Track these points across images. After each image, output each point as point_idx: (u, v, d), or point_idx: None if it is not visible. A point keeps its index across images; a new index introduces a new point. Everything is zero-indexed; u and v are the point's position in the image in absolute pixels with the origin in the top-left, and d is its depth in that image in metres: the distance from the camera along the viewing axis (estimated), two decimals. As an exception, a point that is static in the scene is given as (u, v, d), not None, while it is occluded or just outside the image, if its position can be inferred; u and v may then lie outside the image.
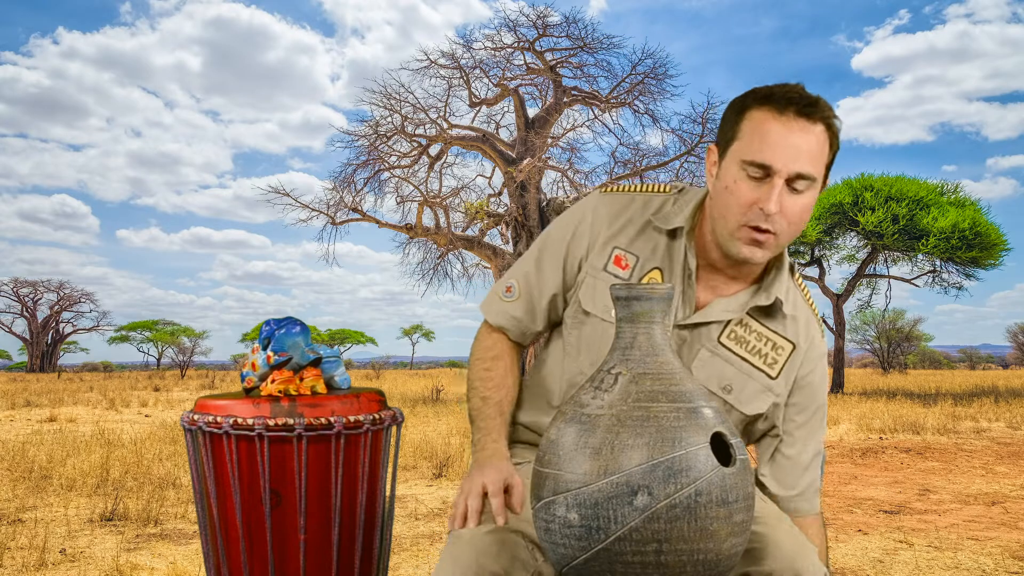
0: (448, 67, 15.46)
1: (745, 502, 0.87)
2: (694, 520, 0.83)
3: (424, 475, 5.33)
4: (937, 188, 16.71)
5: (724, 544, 0.85)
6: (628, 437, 0.85)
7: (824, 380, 1.27)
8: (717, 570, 0.86)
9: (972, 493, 4.64)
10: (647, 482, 0.83)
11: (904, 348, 31.54)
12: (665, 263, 1.21)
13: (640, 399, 0.89)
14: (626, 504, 0.83)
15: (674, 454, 0.84)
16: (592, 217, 1.25)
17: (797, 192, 1.08)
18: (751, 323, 1.21)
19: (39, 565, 2.95)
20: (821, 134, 1.08)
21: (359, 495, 1.45)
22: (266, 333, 1.48)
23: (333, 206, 15.61)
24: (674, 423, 0.86)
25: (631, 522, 0.82)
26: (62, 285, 41.14)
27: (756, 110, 1.09)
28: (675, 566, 0.83)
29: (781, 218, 1.09)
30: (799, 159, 1.07)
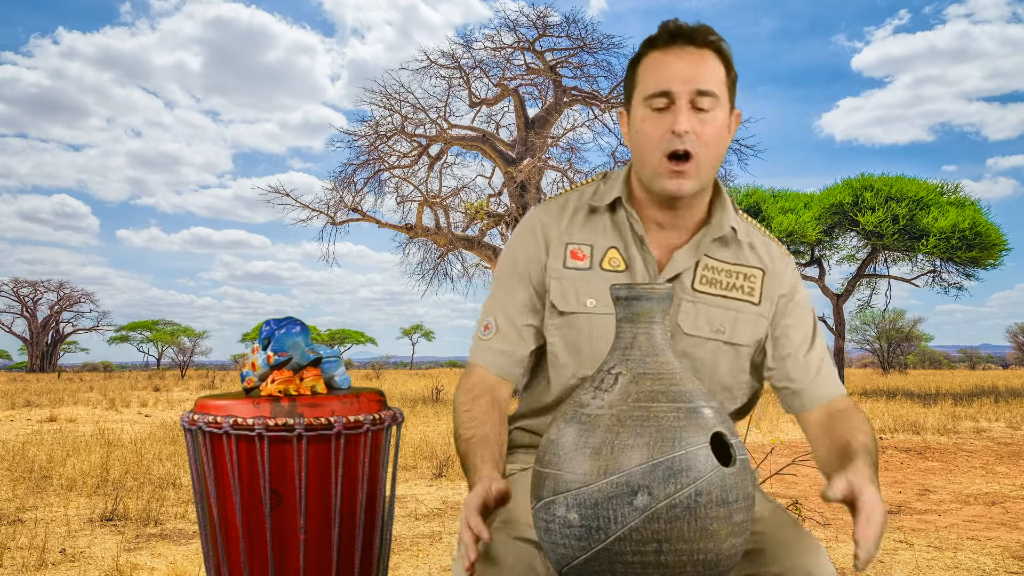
0: (448, 67, 15.47)
1: (745, 502, 0.87)
2: (694, 520, 0.83)
3: (424, 475, 5.33)
4: (937, 188, 16.71)
5: (724, 544, 0.85)
6: (628, 437, 0.85)
7: (805, 292, 1.29)
8: (717, 570, 0.86)
9: (972, 493, 4.64)
10: (647, 482, 0.83)
11: (904, 348, 31.55)
12: (616, 239, 1.24)
13: (640, 399, 0.89)
14: (626, 504, 0.83)
15: (674, 454, 0.84)
16: (538, 226, 1.28)
17: (703, 112, 1.13)
18: (716, 264, 1.24)
19: (39, 565, 2.95)
20: (711, 57, 1.14)
21: (359, 495, 1.45)
22: (266, 333, 1.48)
23: (333, 206, 15.62)
24: (674, 423, 0.86)
25: (631, 522, 0.82)
26: (62, 285, 41.17)
27: (646, 56, 1.16)
28: (675, 566, 0.83)
29: (695, 139, 1.12)
30: (695, 78, 1.12)
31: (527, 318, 1.26)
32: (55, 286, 40.91)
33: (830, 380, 1.24)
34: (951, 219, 15.20)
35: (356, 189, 15.65)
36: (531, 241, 1.27)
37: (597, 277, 1.23)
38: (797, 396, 1.24)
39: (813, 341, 1.26)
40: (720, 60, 1.15)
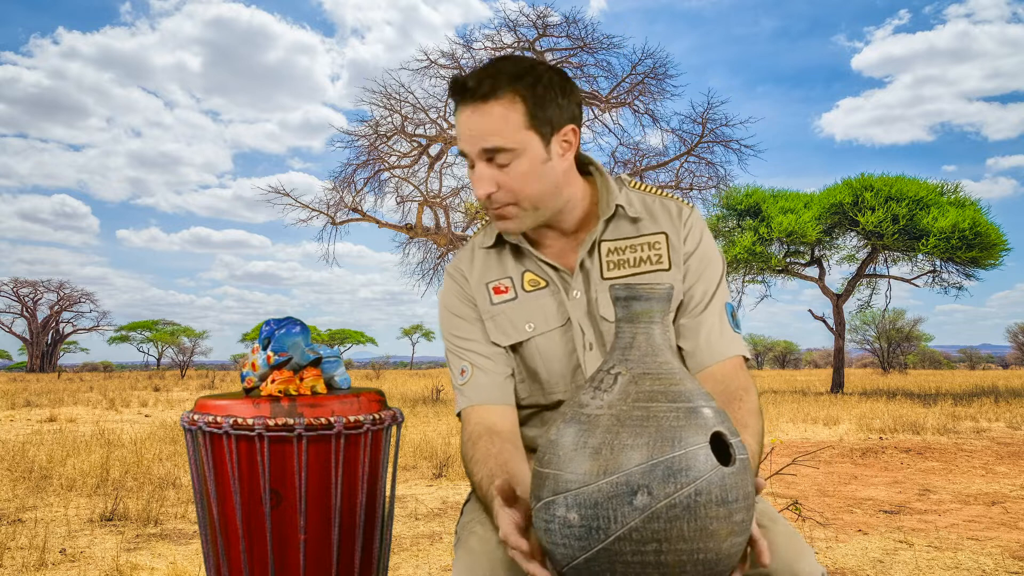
0: (448, 67, 15.46)
1: (745, 501, 0.87)
2: (694, 519, 0.83)
3: (424, 475, 5.33)
4: (937, 188, 16.71)
5: (724, 544, 0.85)
6: (628, 437, 0.85)
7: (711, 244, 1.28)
8: (717, 569, 0.86)
9: (972, 493, 4.64)
10: (647, 482, 0.83)
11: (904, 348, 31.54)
12: (527, 263, 1.28)
13: (640, 399, 0.89)
14: (626, 504, 0.82)
15: (674, 454, 0.84)
16: (459, 279, 1.33)
17: (504, 166, 1.15)
18: (617, 245, 1.26)
19: (39, 565, 2.95)
20: (499, 107, 1.13)
21: (359, 495, 1.45)
22: (266, 333, 1.48)
23: (333, 206, 15.62)
24: (674, 423, 0.86)
25: (631, 522, 0.82)
26: (62, 285, 41.16)
27: (456, 108, 1.19)
28: (675, 565, 0.83)
29: (504, 192, 1.16)
30: (481, 139, 1.13)
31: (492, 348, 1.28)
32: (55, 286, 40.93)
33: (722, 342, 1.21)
34: (951, 219, 15.19)
35: (356, 189, 15.65)
36: (458, 288, 1.32)
37: (526, 301, 1.26)
38: (690, 357, 1.22)
39: (714, 297, 1.24)
40: (512, 103, 1.13)
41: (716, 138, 15.12)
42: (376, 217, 15.75)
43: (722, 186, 15.82)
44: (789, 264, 18.03)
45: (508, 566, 1.01)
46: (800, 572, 0.99)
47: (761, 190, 17.89)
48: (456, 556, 1.06)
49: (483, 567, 1.00)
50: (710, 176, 15.53)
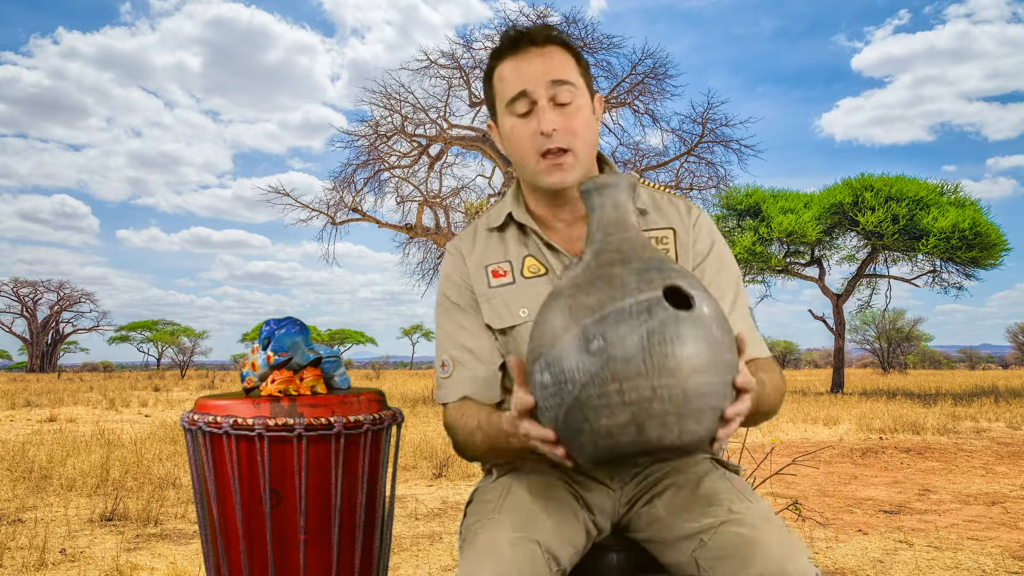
0: (448, 67, 15.46)
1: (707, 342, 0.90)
2: (649, 358, 0.87)
3: (424, 475, 5.33)
4: (937, 188, 16.71)
5: (689, 381, 0.88)
6: (583, 297, 0.92)
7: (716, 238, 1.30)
8: (692, 406, 0.89)
9: (972, 493, 4.64)
10: (600, 330, 0.88)
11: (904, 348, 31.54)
12: (531, 247, 1.28)
13: (600, 266, 0.95)
14: (584, 353, 0.88)
15: (624, 302, 0.89)
16: (457, 255, 1.32)
17: (565, 105, 1.17)
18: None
19: (39, 565, 2.95)
20: (557, 51, 1.18)
21: (359, 495, 1.45)
22: (266, 333, 1.48)
23: (333, 206, 15.62)
24: (626, 279, 0.92)
25: (591, 368, 0.88)
26: (62, 285, 41.16)
27: (496, 68, 1.21)
28: (641, 403, 0.87)
29: (564, 133, 1.17)
30: (546, 72, 1.16)
31: (479, 341, 1.26)
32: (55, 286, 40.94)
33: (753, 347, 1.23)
34: (951, 219, 15.19)
35: (356, 189, 15.64)
36: (456, 269, 1.31)
37: (523, 287, 1.26)
38: None
39: (735, 302, 1.26)
40: (567, 52, 1.20)
41: (716, 138, 15.12)
42: (376, 217, 15.75)
43: (722, 186, 15.82)
44: (789, 264, 18.03)
45: (516, 566, 1.01)
46: (791, 572, 0.99)
47: (761, 190, 17.89)
48: (461, 556, 1.06)
49: (490, 567, 1.00)
50: (710, 176, 15.53)
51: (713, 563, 1.05)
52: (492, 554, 1.01)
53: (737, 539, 1.04)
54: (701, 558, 1.07)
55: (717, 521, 1.09)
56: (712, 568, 1.05)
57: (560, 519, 1.14)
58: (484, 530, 1.07)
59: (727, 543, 1.05)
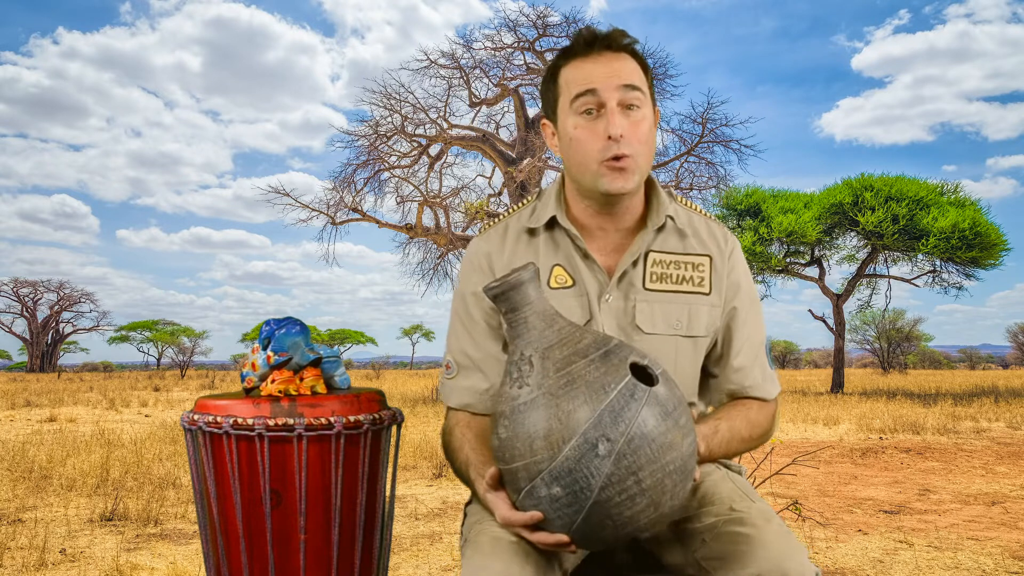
0: (448, 67, 15.46)
1: (682, 405, 0.98)
2: (652, 441, 0.92)
3: (424, 475, 5.33)
4: (937, 188, 16.70)
5: (684, 447, 0.95)
6: (566, 404, 0.94)
7: (747, 272, 1.32)
8: (688, 469, 0.97)
9: (972, 493, 4.64)
10: (600, 432, 0.92)
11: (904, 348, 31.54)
12: (560, 256, 1.26)
13: (559, 368, 0.97)
14: (594, 458, 0.91)
15: (609, 398, 0.93)
16: (482, 258, 1.29)
17: (632, 110, 1.17)
18: (663, 257, 1.26)
19: (39, 565, 2.95)
20: (628, 58, 1.18)
21: (359, 495, 1.45)
22: (266, 333, 1.48)
23: (333, 206, 15.62)
24: (595, 373, 0.95)
25: (605, 469, 0.91)
26: (62, 285, 41.15)
27: (565, 67, 1.19)
28: (656, 485, 0.92)
29: (631, 140, 1.16)
30: (620, 77, 1.15)
31: (486, 349, 1.26)
32: (55, 286, 40.93)
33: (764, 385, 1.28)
34: (951, 219, 15.19)
35: (356, 189, 15.65)
36: (478, 274, 1.29)
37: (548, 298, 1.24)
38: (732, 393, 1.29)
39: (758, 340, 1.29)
40: (638, 62, 1.19)
41: (716, 138, 15.13)
42: (376, 217, 15.76)
43: (722, 186, 15.83)
44: (789, 264, 18.03)
45: (520, 563, 1.01)
46: (789, 571, 0.99)
47: (761, 190, 17.89)
48: (465, 555, 1.06)
49: (496, 566, 1.00)
50: (710, 176, 15.54)
51: (713, 562, 1.05)
52: (497, 552, 1.01)
53: (737, 538, 1.04)
54: (702, 557, 1.07)
55: (719, 520, 1.09)
56: (713, 567, 1.05)
57: None
58: (487, 529, 1.07)
59: (727, 542, 1.05)
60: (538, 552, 1.04)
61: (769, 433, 1.28)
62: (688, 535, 1.12)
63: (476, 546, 1.04)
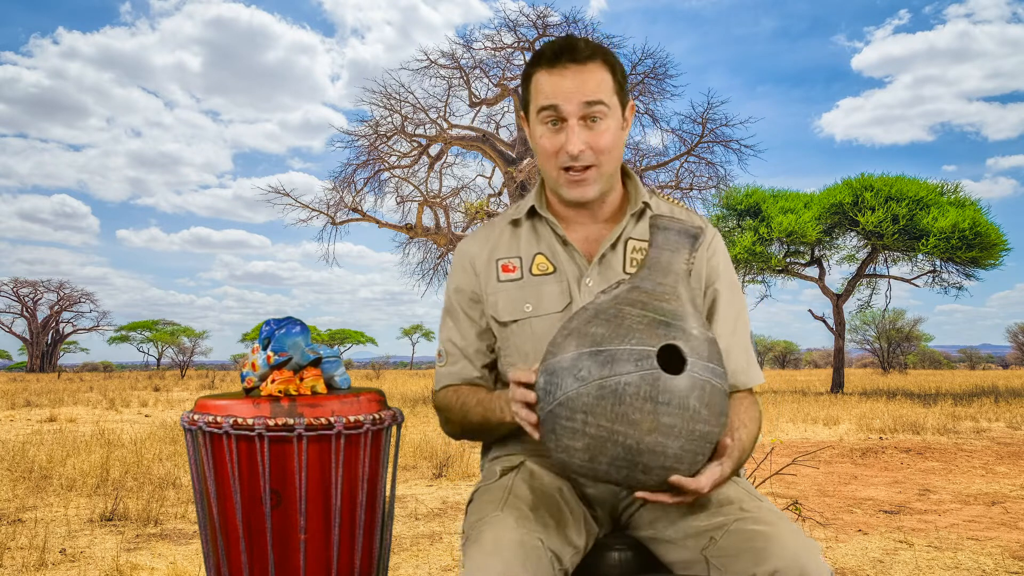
0: (448, 67, 15.46)
1: (680, 410, 0.97)
2: (617, 404, 0.95)
3: (424, 475, 5.33)
4: (937, 188, 16.70)
5: (647, 437, 0.96)
6: (593, 327, 1.01)
7: (728, 261, 1.35)
8: (640, 458, 0.97)
9: (972, 493, 4.64)
10: (589, 363, 0.98)
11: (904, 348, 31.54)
12: (541, 245, 1.32)
13: (621, 302, 1.03)
14: (570, 376, 0.98)
15: (619, 348, 0.97)
16: (466, 258, 1.37)
17: (594, 123, 1.20)
18: (642, 245, 1.30)
19: (39, 565, 2.95)
20: (596, 69, 1.20)
21: (359, 495, 1.45)
22: (266, 333, 1.48)
23: (333, 206, 15.61)
24: (633, 324, 1.00)
25: (569, 391, 0.98)
26: (62, 285, 41.14)
27: (536, 73, 1.23)
28: (597, 439, 0.97)
29: (590, 153, 1.20)
30: (581, 93, 1.18)
31: (473, 342, 1.36)
32: (55, 286, 40.92)
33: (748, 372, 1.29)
34: (951, 219, 15.19)
35: (356, 189, 15.64)
36: (463, 273, 1.37)
37: (530, 284, 1.30)
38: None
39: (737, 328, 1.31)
40: (605, 67, 1.21)
41: (716, 138, 15.13)
42: (376, 217, 15.75)
43: (722, 186, 15.82)
44: (789, 264, 18.03)
45: (521, 562, 1.01)
46: (808, 568, 0.99)
47: (761, 190, 17.89)
48: (466, 555, 1.06)
49: (497, 565, 1.00)
50: (710, 176, 15.54)
51: (725, 560, 1.05)
52: (498, 552, 1.01)
53: (753, 535, 1.05)
54: (711, 555, 1.08)
55: (730, 519, 1.09)
56: (724, 565, 1.05)
57: (562, 520, 1.14)
58: (488, 528, 1.07)
59: (741, 539, 1.06)
60: (539, 552, 1.04)
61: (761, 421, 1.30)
62: (695, 533, 1.12)
63: (478, 545, 1.05)
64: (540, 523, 1.10)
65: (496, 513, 1.11)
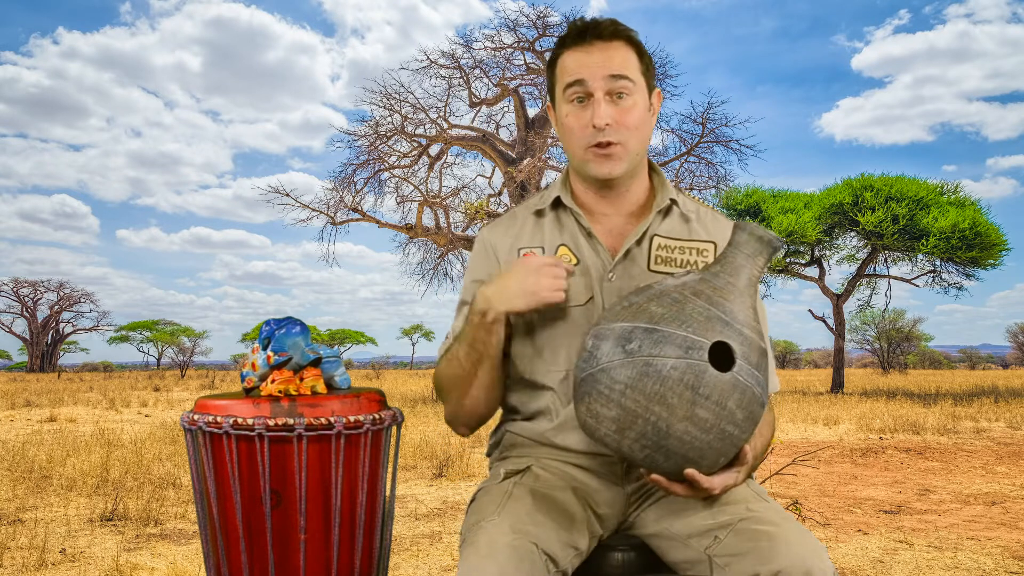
0: (448, 67, 15.45)
1: (717, 406, 0.97)
2: (658, 385, 0.96)
3: (424, 475, 5.33)
4: (937, 188, 16.70)
5: (678, 424, 0.97)
6: (656, 306, 1.02)
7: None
8: (666, 442, 0.98)
9: (972, 493, 4.64)
10: (643, 338, 0.99)
11: (904, 348, 31.53)
12: (565, 236, 1.30)
13: (687, 289, 1.04)
14: (619, 346, 0.99)
15: (675, 332, 0.98)
16: (490, 241, 1.35)
17: (621, 99, 1.19)
18: (669, 242, 1.29)
19: (39, 565, 2.95)
20: (622, 47, 1.20)
21: (359, 495, 1.45)
22: (266, 333, 1.48)
23: (333, 206, 15.61)
24: (693, 314, 1.01)
25: (615, 359, 0.99)
26: (62, 285, 41.14)
27: (560, 56, 1.23)
28: (630, 412, 0.98)
29: (618, 127, 1.20)
30: (607, 67, 1.18)
31: None
32: (55, 286, 40.91)
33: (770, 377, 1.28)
34: (951, 219, 15.19)
35: (356, 189, 15.64)
36: (483, 259, 1.35)
37: None
38: None
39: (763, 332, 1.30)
40: (632, 48, 1.21)
41: (716, 138, 15.12)
42: (376, 217, 15.75)
43: (722, 186, 15.82)
44: (789, 264, 18.02)
45: (516, 565, 1.01)
46: (813, 569, 0.99)
47: (761, 190, 17.89)
48: (462, 556, 1.06)
49: (490, 568, 1.00)
50: (710, 176, 15.53)
51: (729, 560, 1.05)
52: (491, 555, 1.02)
53: (758, 535, 1.05)
54: (715, 555, 1.07)
55: (735, 518, 1.09)
56: (728, 564, 1.05)
57: (561, 521, 1.14)
58: (484, 531, 1.08)
59: (745, 539, 1.05)
60: (533, 555, 1.04)
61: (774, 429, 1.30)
62: (698, 532, 1.12)
63: (473, 547, 1.05)
64: (537, 526, 1.10)
65: (492, 517, 1.11)
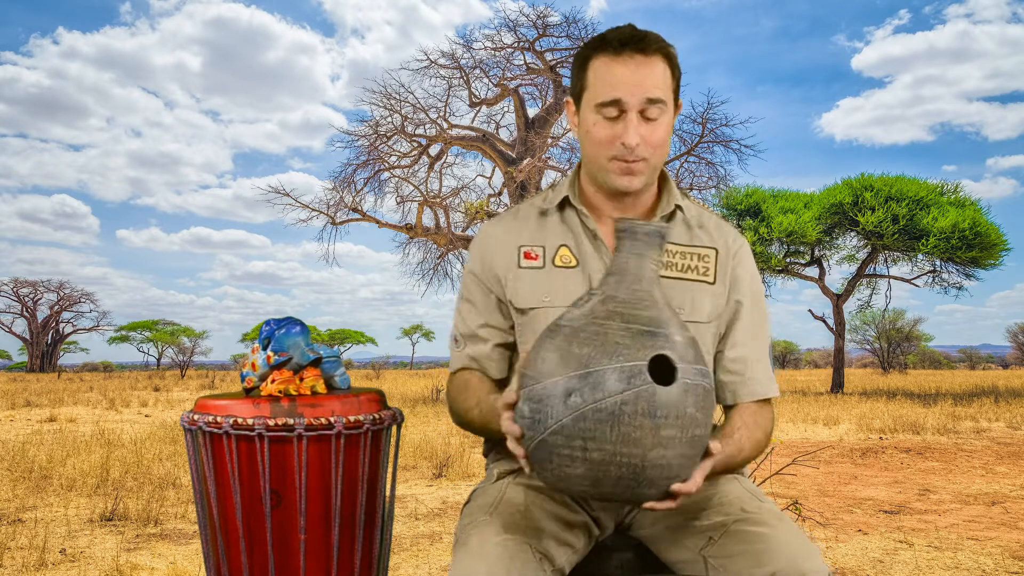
0: (448, 67, 15.46)
1: (678, 420, 0.94)
2: (617, 426, 0.92)
3: (424, 475, 5.33)
4: (937, 188, 16.70)
5: (650, 453, 0.93)
6: (576, 347, 0.96)
7: (755, 272, 1.34)
8: (645, 475, 0.95)
9: (972, 493, 4.64)
10: (580, 386, 0.93)
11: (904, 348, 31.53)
12: (567, 237, 1.29)
13: (598, 316, 0.99)
14: (561, 403, 0.94)
15: (608, 366, 0.94)
16: (492, 236, 1.34)
17: (652, 120, 1.18)
18: (670, 248, 1.29)
19: (39, 565, 2.95)
20: (659, 63, 1.18)
21: (359, 495, 1.45)
22: (266, 333, 1.48)
23: (333, 206, 15.61)
24: (619, 340, 0.96)
25: (563, 419, 0.94)
26: (62, 285, 41.13)
27: (596, 59, 1.19)
28: (599, 463, 0.93)
29: (645, 146, 1.18)
30: (645, 88, 1.16)
31: (490, 320, 1.32)
32: (55, 286, 40.91)
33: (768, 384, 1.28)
34: (951, 219, 15.19)
35: (356, 189, 15.65)
36: (485, 252, 1.34)
37: (550, 274, 1.28)
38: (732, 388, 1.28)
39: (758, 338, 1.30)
40: (667, 64, 1.20)
41: (716, 138, 15.13)
42: (376, 217, 15.76)
43: (722, 186, 15.83)
44: (789, 264, 18.02)
45: (506, 565, 1.01)
46: (807, 571, 0.99)
47: (761, 190, 17.89)
48: (454, 557, 1.06)
49: (480, 568, 1.00)
50: (710, 176, 15.54)
51: (724, 560, 1.05)
52: (482, 555, 1.02)
53: (751, 536, 1.05)
54: (710, 555, 1.07)
55: (729, 519, 1.09)
56: (723, 565, 1.05)
57: (556, 521, 1.14)
58: (476, 531, 1.08)
59: (739, 540, 1.05)
60: (525, 556, 1.04)
61: (771, 433, 1.29)
62: (694, 533, 1.12)
63: (464, 547, 1.05)
64: (531, 525, 1.10)
65: (484, 517, 1.12)
